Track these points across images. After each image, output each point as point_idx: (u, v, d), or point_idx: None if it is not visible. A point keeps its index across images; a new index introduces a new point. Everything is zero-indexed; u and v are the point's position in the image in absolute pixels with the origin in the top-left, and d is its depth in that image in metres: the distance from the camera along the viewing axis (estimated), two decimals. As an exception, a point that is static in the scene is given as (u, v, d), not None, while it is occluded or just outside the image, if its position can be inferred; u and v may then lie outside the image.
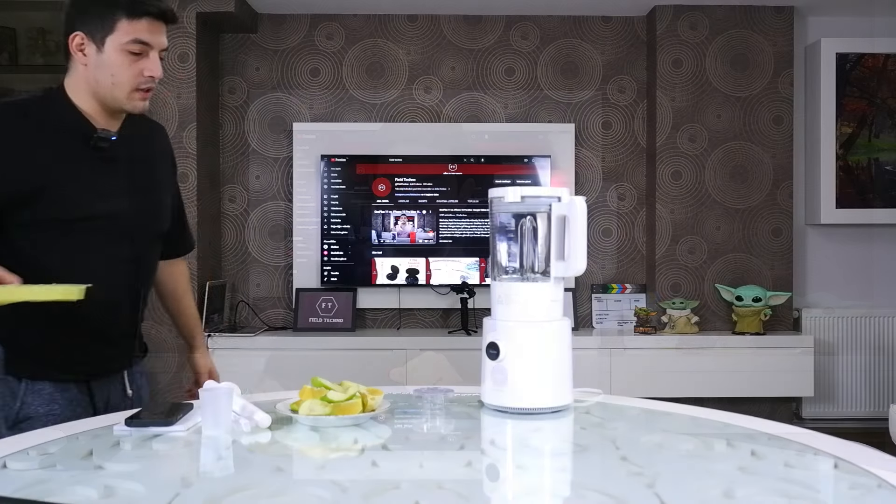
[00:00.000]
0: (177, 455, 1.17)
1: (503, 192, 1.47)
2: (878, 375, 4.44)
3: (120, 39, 1.55)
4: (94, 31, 1.56)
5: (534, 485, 1.07)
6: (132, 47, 1.55)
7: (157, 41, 1.57)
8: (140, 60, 1.56)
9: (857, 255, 4.55)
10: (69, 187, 1.57)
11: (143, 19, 1.54)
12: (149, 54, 1.57)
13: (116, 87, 1.58)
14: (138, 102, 1.61)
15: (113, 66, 1.57)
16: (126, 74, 1.57)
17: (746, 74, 4.35)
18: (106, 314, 1.66)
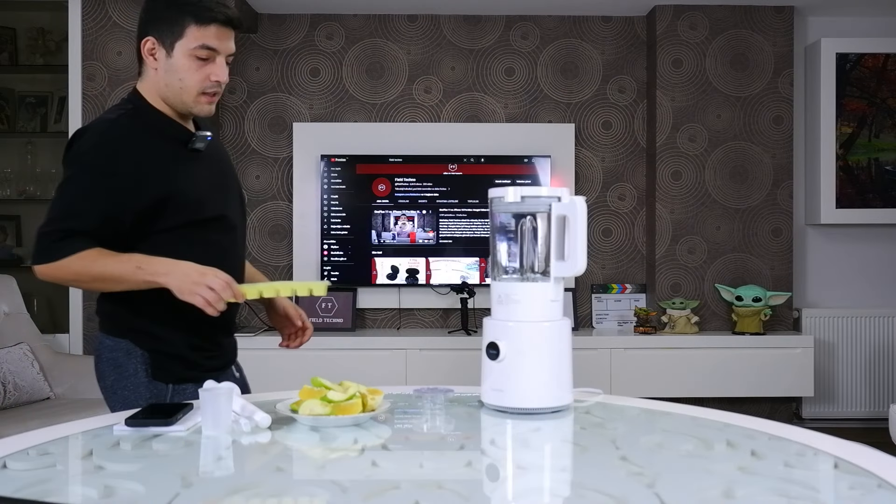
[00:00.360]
0: (177, 455, 1.17)
1: (503, 192, 1.47)
2: (878, 375, 4.45)
3: (188, 45, 1.60)
4: (165, 37, 1.61)
5: (534, 485, 1.07)
6: (200, 53, 1.60)
7: (223, 47, 1.63)
8: (207, 65, 1.62)
9: (857, 255, 4.55)
10: (186, 190, 1.63)
11: (212, 26, 1.60)
12: (215, 59, 1.63)
13: (184, 90, 1.63)
14: (205, 106, 1.66)
15: (181, 70, 1.62)
16: (194, 78, 1.62)
17: (746, 74, 4.36)
18: (232, 308, 1.70)
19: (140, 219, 1.59)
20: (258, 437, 1.27)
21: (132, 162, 1.58)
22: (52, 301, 4.37)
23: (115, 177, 1.57)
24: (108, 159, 1.58)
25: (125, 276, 1.52)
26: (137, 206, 1.58)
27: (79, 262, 1.53)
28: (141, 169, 1.59)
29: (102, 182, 1.57)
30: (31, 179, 4.28)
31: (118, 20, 4.05)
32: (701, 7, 4.33)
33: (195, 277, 1.47)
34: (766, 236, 4.36)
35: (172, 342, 1.66)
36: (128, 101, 1.68)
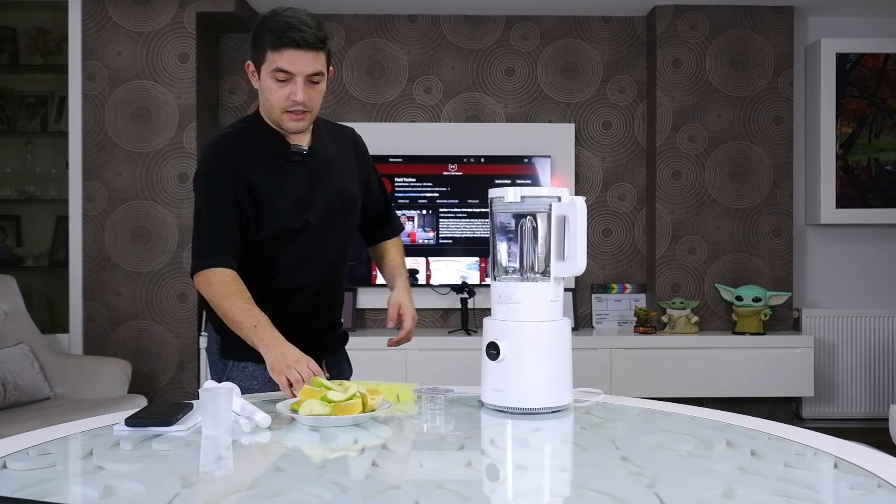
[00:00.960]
0: (177, 455, 1.17)
1: (503, 192, 1.47)
2: (878, 375, 4.44)
3: (268, 68, 1.73)
4: (256, 61, 1.76)
5: (534, 485, 1.07)
6: (277, 75, 1.72)
7: (298, 69, 1.72)
8: (286, 86, 1.73)
9: (857, 255, 4.55)
10: (281, 201, 1.79)
11: (285, 50, 1.70)
12: (293, 80, 1.72)
13: (272, 109, 1.77)
14: (290, 123, 1.77)
15: (266, 91, 1.76)
16: (275, 98, 1.75)
17: (746, 74, 4.36)
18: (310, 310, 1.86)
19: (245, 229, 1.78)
20: (258, 437, 1.27)
21: (228, 180, 1.77)
22: (52, 301, 4.37)
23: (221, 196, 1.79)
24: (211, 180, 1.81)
25: (240, 327, 1.68)
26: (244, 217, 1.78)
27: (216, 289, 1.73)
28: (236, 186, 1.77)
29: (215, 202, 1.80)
30: (31, 179, 4.28)
31: (118, 20, 4.05)
32: (701, 7, 4.33)
33: (289, 361, 1.58)
34: (766, 236, 4.36)
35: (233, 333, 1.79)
36: (242, 119, 1.88)
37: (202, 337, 4.03)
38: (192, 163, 4.05)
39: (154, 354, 4.06)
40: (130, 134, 4.06)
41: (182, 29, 4.05)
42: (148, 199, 4.06)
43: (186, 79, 4.06)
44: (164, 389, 4.05)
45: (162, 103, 4.06)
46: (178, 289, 4.06)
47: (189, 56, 4.05)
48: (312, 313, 1.87)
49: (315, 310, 1.88)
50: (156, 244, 4.06)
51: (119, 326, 4.05)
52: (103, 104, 4.05)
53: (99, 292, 4.04)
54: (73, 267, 4.03)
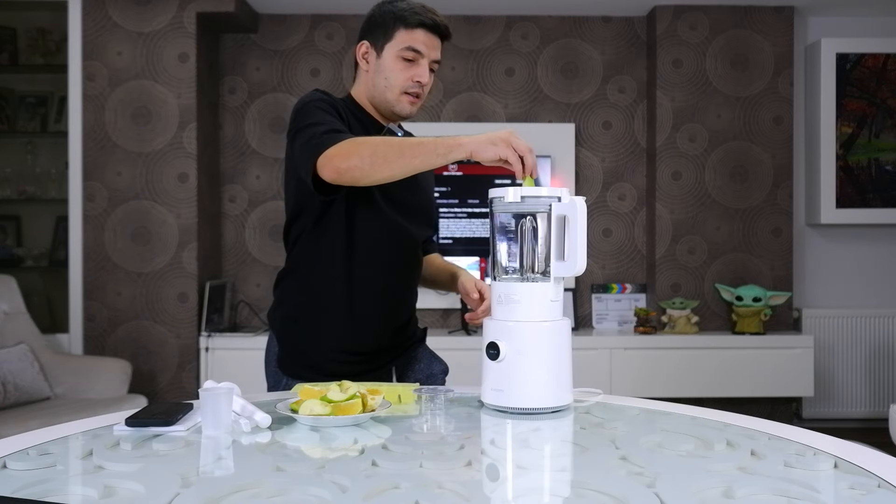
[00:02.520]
0: (177, 455, 1.17)
1: (503, 192, 1.47)
2: (878, 375, 4.45)
3: (396, 46, 1.71)
4: (377, 40, 1.74)
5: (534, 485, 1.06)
6: (406, 54, 1.71)
7: (428, 52, 1.73)
8: (412, 67, 1.72)
9: (857, 255, 4.55)
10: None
11: (418, 30, 1.72)
12: (420, 62, 1.72)
13: (388, 89, 1.73)
14: (406, 105, 1.74)
15: (388, 70, 1.72)
16: (398, 78, 1.72)
17: (746, 74, 4.36)
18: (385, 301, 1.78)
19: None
20: (258, 437, 1.27)
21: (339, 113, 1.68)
22: (52, 301, 4.37)
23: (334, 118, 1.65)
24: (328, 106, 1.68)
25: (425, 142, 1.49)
26: None
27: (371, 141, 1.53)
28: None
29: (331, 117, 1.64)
30: (31, 179, 4.28)
31: (118, 20, 4.05)
32: (701, 7, 4.33)
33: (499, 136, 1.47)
34: (766, 236, 4.36)
35: (301, 342, 1.77)
36: (342, 99, 1.80)
37: (202, 337, 4.03)
38: (192, 163, 4.06)
39: (154, 354, 4.06)
40: (130, 134, 4.06)
41: (182, 29, 4.05)
42: (148, 199, 4.06)
43: (186, 79, 4.06)
44: (164, 389, 4.05)
45: (162, 103, 4.06)
46: (178, 289, 4.06)
47: (189, 56, 4.05)
48: (391, 306, 1.79)
49: (393, 303, 1.80)
50: (156, 244, 4.06)
51: (119, 326, 4.05)
52: (103, 104, 4.05)
53: (99, 292, 4.04)
54: (73, 267, 4.03)
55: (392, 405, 1.45)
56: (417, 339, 1.93)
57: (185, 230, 4.06)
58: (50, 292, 4.38)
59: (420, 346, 1.94)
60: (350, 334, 1.75)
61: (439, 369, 1.93)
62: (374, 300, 1.75)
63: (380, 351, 1.80)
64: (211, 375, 3.95)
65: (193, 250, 4.06)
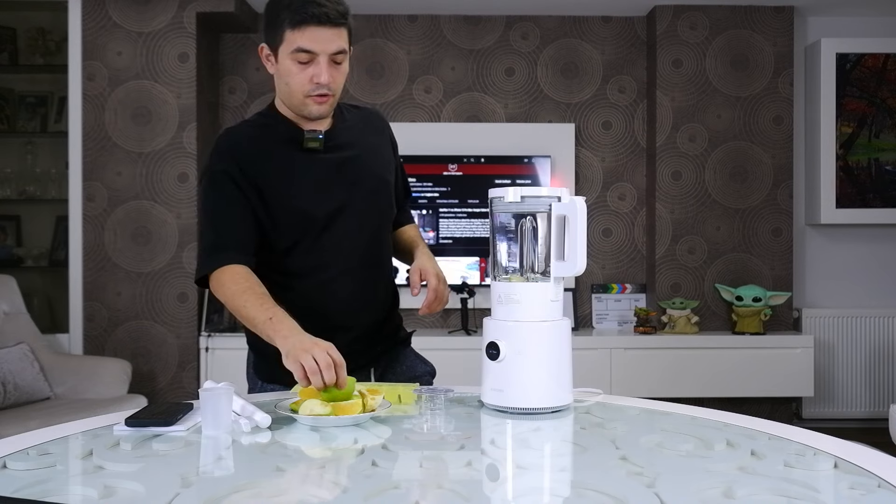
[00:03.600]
0: (177, 455, 1.17)
1: (503, 192, 1.47)
2: (878, 375, 4.45)
3: (287, 49, 1.59)
4: (272, 43, 1.63)
5: (534, 485, 1.07)
6: (298, 56, 1.59)
7: (321, 48, 1.58)
8: (309, 67, 1.60)
9: (857, 255, 4.55)
10: (298, 192, 1.66)
11: (306, 28, 1.56)
12: (316, 61, 1.59)
13: (291, 94, 1.64)
14: (313, 108, 1.64)
15: (286, 74, 1.62)
16: (296, 82, 1.61)
17: (746, 74, 4.36)
18: (352, 305, 1.73)
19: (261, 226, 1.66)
20: (258, 437, 1.27)
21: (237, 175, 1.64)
22: (52, 301, 4.37)
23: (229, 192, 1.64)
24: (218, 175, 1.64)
25: (256, 323, 1.54)
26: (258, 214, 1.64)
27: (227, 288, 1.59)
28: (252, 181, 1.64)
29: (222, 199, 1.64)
30: (31, 179, 4.28)
31: (118, 20, 4.05)
32: (701, 7, 4.33)
33: (306, 346, 1.42)
34: (766, 236, 4.36)
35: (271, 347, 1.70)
36: (256, 114, 1.76)
37: (202, 337, 4.03)
38: (192, 163, 4.05)
39: (154, 354, 4.06)
40: (130, 134, 4.06)
41: (182, 29, 4.05)
42: (148, 199, 4.06)
43: (186, 79, 4.06)
44: (164, 389, 4.05)
45: (162, 103, 4.06)
46: (178, 289, 4.06)
47: (189, 56, 4.05)
48: (355, 308, 1.73)
49: (357, 304, 1.73)
50: (156, 244, 4.06)
51: (119, 326, 4.05)
52: (103, 104, 4.05)
53: (99, 292, 4.04)
54: (73, 267, 4.03)
55: (392, 405, 1.45)
56: (398, 342, 1.88)
57: (185, 230, 4.05)
58: (50, 292, 4.38)
59: (403, 348, 1.89)
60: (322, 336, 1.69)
61: (424, 370, 1.88)
62: (338, 304, 1.70)
63: (354, 353, 1.69)
64: (211, 375, 3.95)
65: (193, 250, 4.05)
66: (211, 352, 4.00)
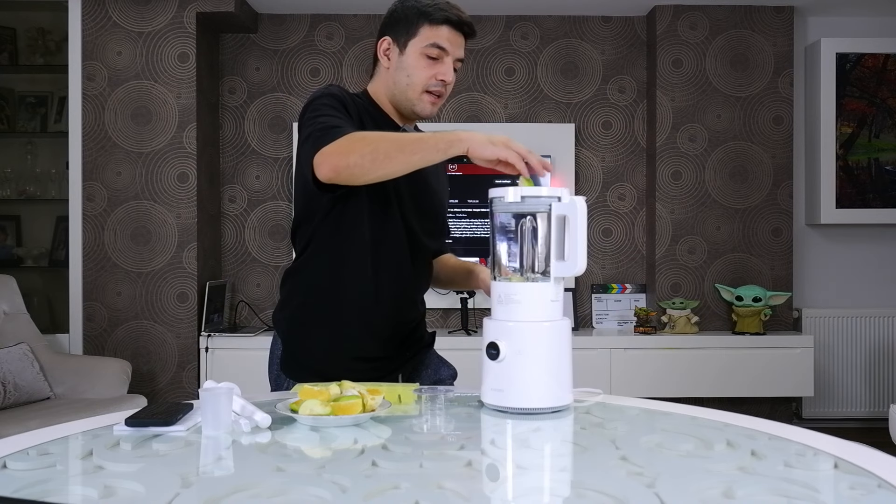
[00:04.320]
0: (177, 455, 1.17)
1: (503, 192, 1.47)
2: (878, 375, 4.45)
3: (420, 43, 1.66)
4: (400, 36, 1.68)
5: (534, 485, 1.06)
6: (430, 51, 1.65)
7: (453, 49, 1.67)
8: (435, 65, 1.67)
9: (857, 255, 4.55)
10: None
11: (443, 27, 1.65)
12: (444, 60, 1.67)
13: (410, 87, 1.68)
14: (427, 105, 1.70)
15: (410, 67, 1.68)
16: (421, 76, 1.67)
17: (746, 74, 4.36)
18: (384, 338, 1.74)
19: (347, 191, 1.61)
20: (258, 437, 1.27)
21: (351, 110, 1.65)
22: (52, 301, 4.37)
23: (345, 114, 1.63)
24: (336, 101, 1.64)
25: (424, 137, 1.47)
26: None
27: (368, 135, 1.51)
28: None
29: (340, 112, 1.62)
30: (31, 179, 4.28)
31: (118, 20, 4.05)
32: (701, 7, 4.33)
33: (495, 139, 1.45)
34: (766, 236, 4.36)
35: (303, 345, 1.74)
36: (356, 93, 1.75)
37: (202, 337, 4.03)
38: (192, 163, 4.06)
39: (154, 354, 4.06)
40: (130, 134, 4.06)
41: (182, 29, 4.05)
42: (148, 199, 4.06)
43: (186, 79, 4.06)
44: (164, 389, 4.05)
45: (162, 103, 4.06)
46: (178, 289, 4.06)
47: (189, 56, 4.05)
48: (396, 312, 1.74)
49: (399, 309, 1.74)
50: (156, 244, 4.06)
51: (119, 326, 4.05)
52: (103, 104, 4.05)
53: (99, 292, 4.04)
54: (73, 267, 4.03)
55: (392, 405, 1.45)
56: (425, 345, 1.89)
57: (184, 230, 4.06)
58: (50, 292, 4.38)
59: (428, 351, 1.90)
60: (357, 340, 1.72)
61: (447, 374, 1.90)
62: (383, 306, 1.71)
63: (386, 358, 1.77)
64: (211, 375, 3.95)
65: (193, 250, 4.06)
66: (211, 352, 4.00)
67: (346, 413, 1.32)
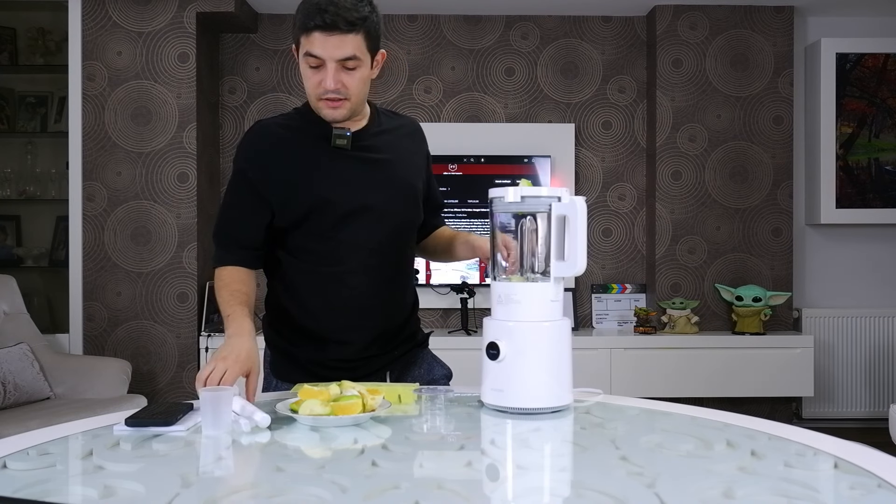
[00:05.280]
0: (177, 455, 1.17)
1: (503, 192, 1.47)
2: (878, 375, 4.45)
3: (301, 53, 1.63)
4: (296, 46, 1.67)
5: (534, 485, 1.07)
6: (309, 61, 1.62)
7: (328, 53, 1.59)
8: (317, 73, 1.62)
9: (857, 255, 4.55)
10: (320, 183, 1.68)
11: (314, 33, 1.58)
12: (323, 67, 1.61)
13: (308, 96, 1.68)
14: (326, 111, 1.67)
15: (303, 77, 1.67)
16: (309, 84, 1.66)
17: (746, 74, 4.36)
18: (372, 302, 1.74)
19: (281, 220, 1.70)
20: (258, 437, 1.27)
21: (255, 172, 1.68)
22: (52, 301, 4.37)
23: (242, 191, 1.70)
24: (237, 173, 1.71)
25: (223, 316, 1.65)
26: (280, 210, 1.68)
27: (216, 284, 1.71)
28: (273, 177, 1.68)
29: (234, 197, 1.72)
30: (31, 179, 4.28)
31: (118, 20, 4.05)
32: (701, 7, 4.33)
33: (221, 353, 1.49)
34: (766, 236, 4.36)
35: (287, 346, 1.78)
36: (293, 109, 1.78)
37: (202, 337, 4.03)
38: (192, 163, 4.06)
39: (154, 354, 4.06)
40: (130, 134, 4.06)
41: (182, 29, 4.05)
42: (148, 199, 4.06)
43: (186, 79, 4.06)
44: (164, 389, 4.05)
45: (162, 103, 4.06)
46: (178, 289, 4.06)
47: (189, 56, 4.05)
48: (372, 307, 1.72)
49: (374, 303, 1.72)
50: (156, 244, 4.06)
51: (119, 326, 4.05)
52: (103, 104, 4.05)
53: (99, 292, 4.04)
54: (73, 267, 4.03)
55: (392, 405, 1.45)
56: (416, 344, 1.87)
57: (185, 230, 4.06)
58: (50, 292, 4.38)
59: (421, 350, 1.89)
60: (333, 340, 1.72)
61: (441, 373, 1.88)
62: (356, 303, 1.71)
63: (369, 358, 1.76)
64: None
65: (193, 250, 4.06)
66: (211, 352, 3.99)
67: (346, 413, 1.32)
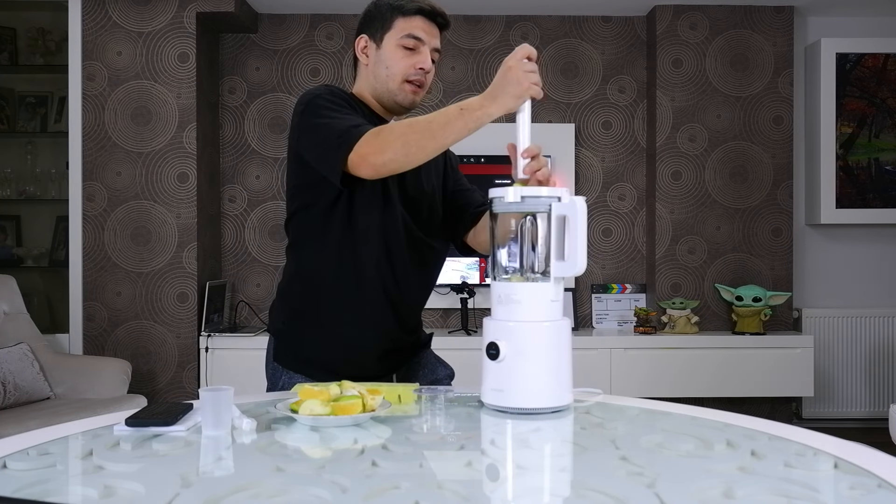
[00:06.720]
0: (177, 455, 1.17)
1: (503, 192, 1.47)
2: (878, 375, 4.45)
3: (396, 35, 1.69)
4: (375, 32, 1.72)
5: (534, 485, 1.06)
6: (406, 42, 1.68)
7: (429, 39, 1.70)
8: (412, 55, 1.69)
9: (857, 255, 4.55)
10: None
11: (416, 17, 1.69)
12: (421, 50, 1.69)
13: (390, 78, 1.70)
14: (409, 94, 1.72)
15: (388, 59, 1.70)
16: (399, 66, 1.69)
17: (746, 74, 4.36)
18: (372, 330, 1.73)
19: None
20: (258, 437, 1.27)
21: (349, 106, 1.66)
22: (52, 301, 4.37)
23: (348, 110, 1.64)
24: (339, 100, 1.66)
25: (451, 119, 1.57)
26: None
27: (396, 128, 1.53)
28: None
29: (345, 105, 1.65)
30: (31, 179, 4.28)
31: (118, 20, 4.05)
32: (701, 7, 4.33)
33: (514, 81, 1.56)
34: (766, 236, 4.36)
35: (298, 335, 1.75)
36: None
37: (202, 337, 4.03)
38: (192, 162, 4.06)
39: (154, 354, 4.06)
40: (130, 134, 4.06)
41: (182, 29, 4.05)
42: (148, 199, 4.06)
43: (186, 79, 4.06)
44: (164, 389, 4.05)
45: (162, 103, 4.06)
46: (178, 289, 4.06)
47: (189, 56, 4.05)
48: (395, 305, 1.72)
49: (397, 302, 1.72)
50: (156, 244, 4.06)
51: (119, 326, 4.05)
52: (103, 104, 4.05)
53: (99, 292, 4.04)
54: (73, 267, 4.03)
55: (392, 405, 1.45)
56: (421, 345, 1.88)
57: (184, 230, 4.06)
58: (50, 292, 4.38)
59: (424, 351, 1.90)
60: (353, 332, 1.72)
61: (444, 374, 1.89)
62: (381, 299, 1.70)
63: (383, 354, 1.76)
64: (211, 375, 3.95)
65: (193, 250, 4.06)
66: (211, 352, 4.00)
67: (346, 413, 1.32)
